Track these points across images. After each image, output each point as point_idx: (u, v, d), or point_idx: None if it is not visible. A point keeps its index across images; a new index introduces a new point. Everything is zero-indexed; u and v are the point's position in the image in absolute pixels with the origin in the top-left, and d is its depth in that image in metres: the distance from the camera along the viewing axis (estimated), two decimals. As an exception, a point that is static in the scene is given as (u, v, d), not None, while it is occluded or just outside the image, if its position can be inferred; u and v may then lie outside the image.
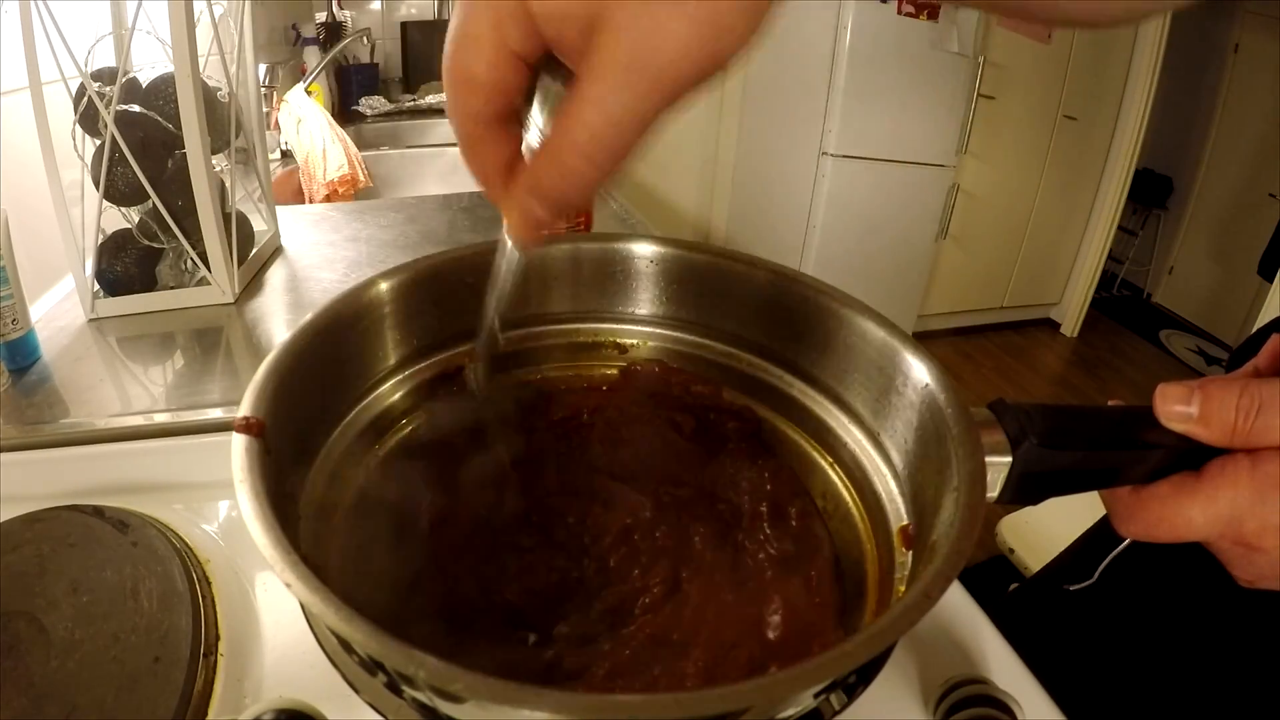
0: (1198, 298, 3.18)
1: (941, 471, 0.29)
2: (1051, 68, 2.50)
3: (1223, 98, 3.01)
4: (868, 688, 0.27)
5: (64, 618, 0.35)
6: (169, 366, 0.61)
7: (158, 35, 0.65)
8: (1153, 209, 3.24)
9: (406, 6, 1.85)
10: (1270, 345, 0.34)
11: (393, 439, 0.38)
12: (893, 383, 0.34)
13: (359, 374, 0.37)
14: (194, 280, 0.70)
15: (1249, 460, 0.27)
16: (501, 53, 0.22)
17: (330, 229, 0.90)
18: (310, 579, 0.22)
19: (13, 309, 0.57)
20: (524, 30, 0.22)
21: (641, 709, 0.21)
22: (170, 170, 0.66)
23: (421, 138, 1.61)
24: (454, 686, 0.19)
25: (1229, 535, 0.27)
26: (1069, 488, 0.30)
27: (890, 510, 0.34)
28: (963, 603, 0.41)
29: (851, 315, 0.36)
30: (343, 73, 1.70)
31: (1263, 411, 0.26)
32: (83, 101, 0.61)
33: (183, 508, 0.46)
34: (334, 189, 1.23)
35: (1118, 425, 0.29)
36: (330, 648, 0.27)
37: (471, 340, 0.41)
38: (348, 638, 0.21)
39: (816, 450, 0.39)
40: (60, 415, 0.53)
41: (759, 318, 0.40)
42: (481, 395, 0.37)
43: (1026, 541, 1.15)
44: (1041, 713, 0.36)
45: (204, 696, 0.34)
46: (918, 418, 0.32)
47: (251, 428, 0.27)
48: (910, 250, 2.52)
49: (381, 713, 0.25)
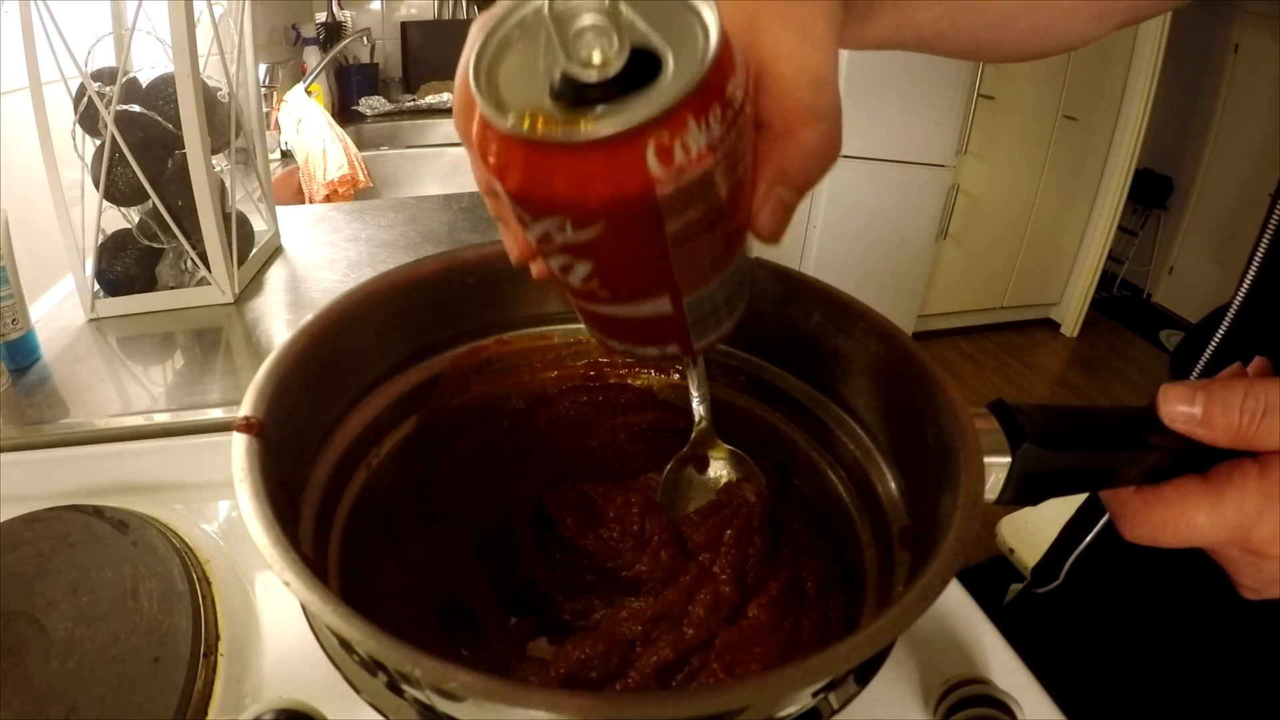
0: (1198, 298, 3.17)
1: (941, 472, 0.29)
2: (1051, 68, 2.50)
3: (1223, 98, 3.00)
4: (867, 687, 0.27)
5: (64, 618, 0.35)
6: (169, 366, 0.61)
7: (158, 35, 0.65)
8: (1153, 209, 3.24)
9: (406, 6, 1.85)
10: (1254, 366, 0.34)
11: (393, 438, 0.38)
12: (892, 383, 0.34)
13: (359, 374, 0.37)
14: (194, 280, 0.70)
15: (1257, 466, 0.26)
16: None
17: (330, 229, 0.90)
18: (310, 578, 0.22)
19: (13, 309, 0.57)
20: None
21: (640, 708, 0.21)
22: (170, 170, 0.66)
23: (421, 138, 1.61)
24: (451, 685, 0.19)
25: (1236, 542, 0.27)
26: (1069, 488, 0.30)
27: (890, 510, 0.34)
28: (963, 603, 0.41)
29: (851, 315, 0.36)
30: (343, 73, 1.70)
31: (1268, 414, 0.26)
32: (83, 101, 0.61)
33: (183, 508, 0.46)
34: (334, 189, 1.23)
35: (1118, 426, 0.29)
36: (330, 648, 0.27)
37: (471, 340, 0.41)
38: (347, 637, 0.21)
39: (816, 450, 0.39)
40: (60, 415, 0.53)
41: (759, 317, 0.40)
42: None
43: (1026, 541, 1.15)
44: (1041, 713, 0.36)
45: (204, 696, 0.34)
46: (917, 418, 0.32)
47: (252, 427, 0.27)
48: (910, 250, 2.52)
49: (382, 712, 0.25)
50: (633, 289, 0.24)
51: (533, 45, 0.20)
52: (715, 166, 0.20)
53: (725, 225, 0.22)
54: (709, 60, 0.18)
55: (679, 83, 0.18)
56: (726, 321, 0.28)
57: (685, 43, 0.19)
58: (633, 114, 0.18)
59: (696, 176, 0.19)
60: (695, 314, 0.25)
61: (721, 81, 0.19)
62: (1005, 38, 0.35)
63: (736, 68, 0.20)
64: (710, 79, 0.19)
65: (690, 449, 0.39)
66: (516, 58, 0.20)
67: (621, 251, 0.22)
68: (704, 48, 0.19)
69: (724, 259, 0.24)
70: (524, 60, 0.20)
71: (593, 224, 0.20)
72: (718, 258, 0.24)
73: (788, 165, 0.23)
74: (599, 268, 0.23)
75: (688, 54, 0.19)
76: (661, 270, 0.23)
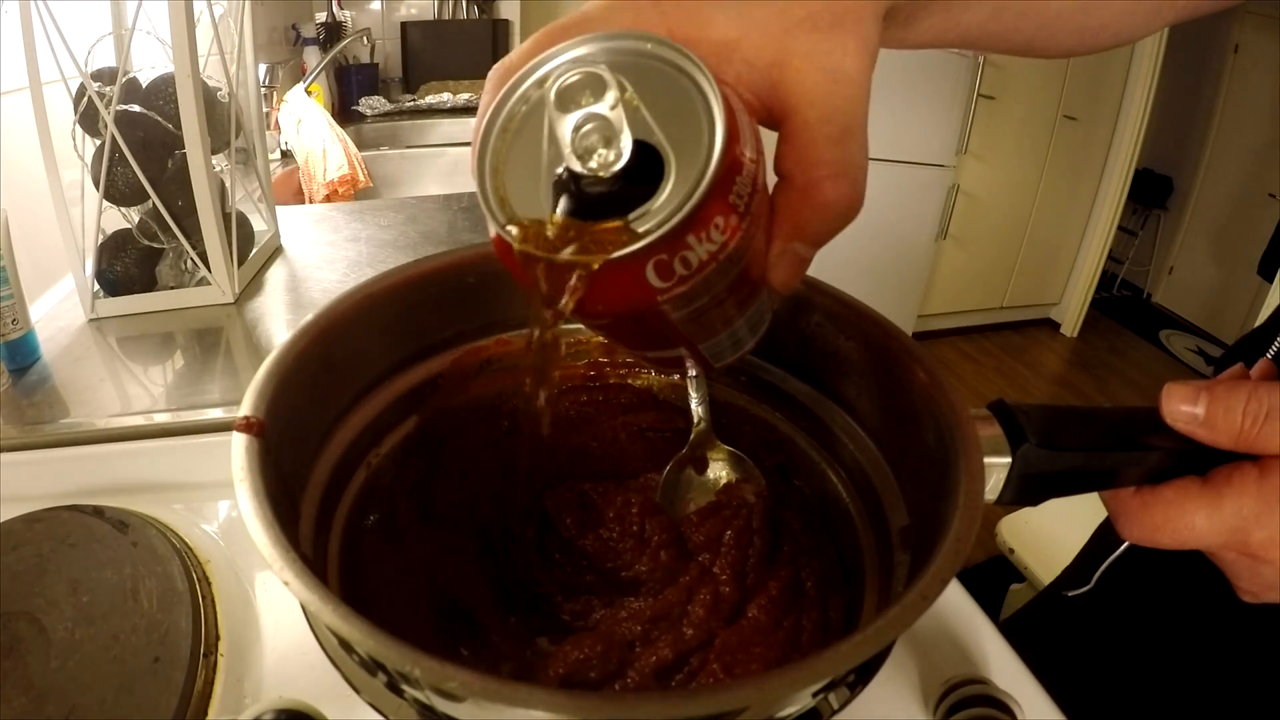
0: (1198, 298, 3.18)
1: (940, 472, 0.29)
2: (1051, 68, 2.50)
3: (1223, 98, 3.01)
4: (866, 687, 0.27)
5: (64, 618, 0.35)
6: (169, 366, 0.61)
7: (158, 35, 0.65)
8: (1153, 209, 3.24)
9: (406, 6, 1.85)
10: (1258, 369, 0.34)
11: (393, 438, 0.38)
12: (892, 383, 0.34)
13: (359, 374, 0.37)
14: (194, 280, 0.70)
15: (1257, 469, 0.26)
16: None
17: (330, 229, 0.90)
18: (310, 578, 0.22)
19: (13, 309, 0.57)
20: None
21: (640, 709, 0.21)
22: (170, 170, 0.66)
23: (421, 138, 1.61)
24: (451, 685, 0.19)
25: (1234, 545, 0.27)
26: (1069, 489, 0.30)
27: (890, 510, 0.34)
28: (963, 603, 0.41)
29: (851, 315, 0.36)
30: (343, 73, 1.70)
31: (1270, 418, 0.25)
32: (83, 101, 0.61)
33: (183, 508, 0.46)
34: (334, 189, 1.23)
35: (1118, 426, 0.29)
36: (330, 647, 0.27)
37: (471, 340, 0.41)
38: (347, 637, 0.21)
39: (816, 450, 0.39)
40: (60, 415, 0.53)
41: (758, 318, 0.40)
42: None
43: (1026, 541, 1.15)
44: (1041, 713, 0.36)
45: (204, 696, 0.34)
46: (917, 418, 0.32)
47: (252, 427, 0.27)
48: (910, 250, 2.52)
49: (382, 712, 0.25)
50: (649, 347, 0.25)
51: (538, 130, 0.20)
52: (718, 266, 0.19)
53: (736, 293, 0.22)
54: (709, 178, 0.18)
55: (676, 202, 0.18)
56: (748, 343, 0.27)
57: (690, 141, 0.18)
58: (632, 237, 0.18)
59: (698, 282, 0.19)
60: (712, 351, 0.26)
61: (724, 191, 0.18)
62: (1057, 36, 0.34)
63: (743, 166, 0.19)
64: (710, 196, 0.18)
65: (689, 450, 0.39)
66: (523, 142, 0.20)
67: (632, 332, 0.23)
68: (708, 156, 0.18)
69: (739, 314, 0.24)
70: (529, 147, 0.20)
71: (600, 319, 0.21)
72: (731, 316, 0.24)
73: (805, 223, 0.22)
74: (613, 337, 0.24)
75: (690, 156, 0.18)
76: (674, 337, 0.23)
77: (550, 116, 0.18)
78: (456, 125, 1.63)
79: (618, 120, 0.18)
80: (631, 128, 0.18)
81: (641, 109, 0.18)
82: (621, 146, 0.18)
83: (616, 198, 0.19)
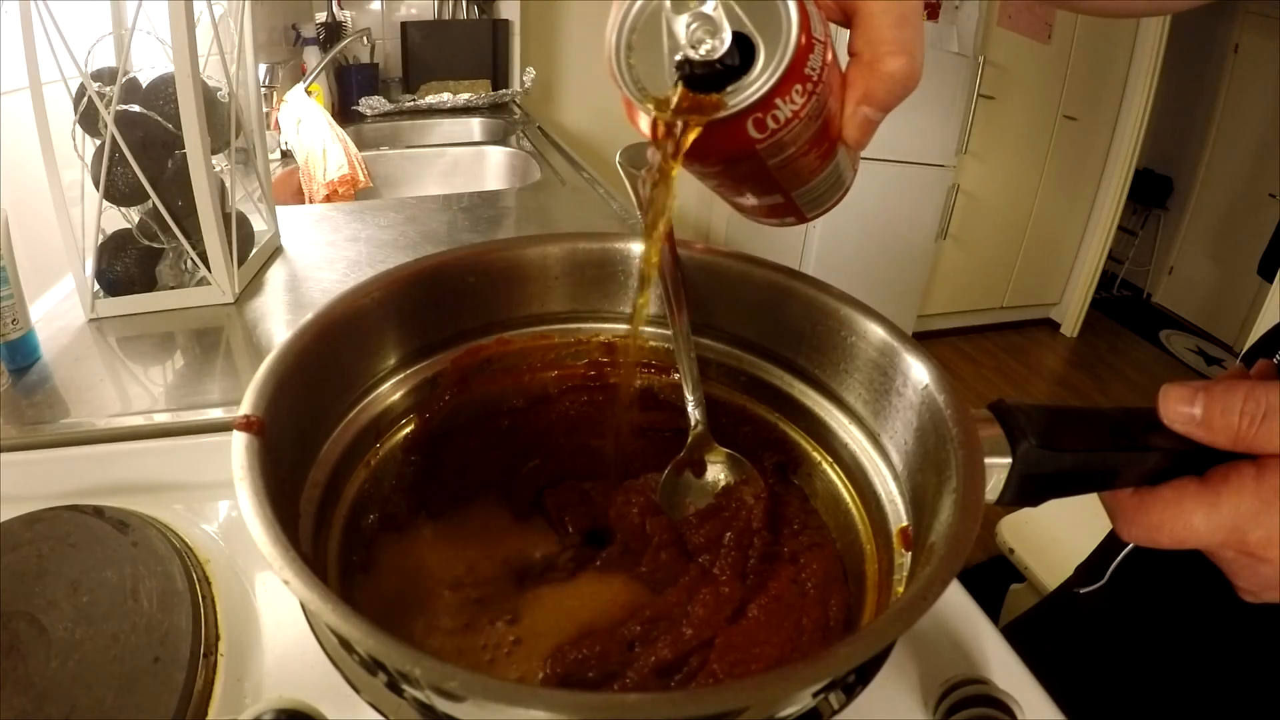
0: (1198, 298, 3.18)
1: (941, 472, 0.29)
2: (1051, 68, 2.50)
3: (1223, 98, 3.01)
4: (866, 687, 0.27)
5: (64, 618, 0.35)
6: (169, 366, 0.61)
7: (158, 35, 0.65)
8: (1153, 209, 3.25)
9: (406, 6, 1.85)
10: (1257, 369, 0.34)
11: (393, 438, 0.38)
12: (892, 383, 0.34)
13: (359, 373, 0.37)
14: (194, 280, 0.70)
15: (1254, 469, 0.26)
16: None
17: (330, 229, 0.90)
18: (310, 578, 0.22)
19: (13, 309, 0.57)
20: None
21: (640, 709, 0.21)
22: (170, 170, 0.66)
23: (421, 138, 1.61)
24: (451, 685, 0.19)
25: (1232, 544, 0.27)
26: (1069, 489, 0.30)
27: (890, 510, 0.34)
28: (963, 603, 0.41)
29: (851, 315, 0.36)
30: (343, 73, 1.69)
31: (1268, 417, 0.26)
32: (83, 101, 0.61)
33: (183, 508, 0.46)
34: (334, 189, 1.23)
35: (1118, 426, 0.29)
36: (330, 647, 0.27)
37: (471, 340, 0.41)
38: (347, 636, 0.21)
39: (816, 450, 0.39)
40: (60, 415, 0.53)
41: (759, 317, 0.40)
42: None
43: (1026, 541, 1.15)
44: (1041, 713, 0.36)
45: (204, 696, 0.34)
46: (917, 418, 0.32)
47: (252, 427, 0.27)
48: (910, 250, 2.52)
49: (382, 712, 0.25)
50: (751, 192, 0.31)
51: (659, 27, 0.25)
52: (801, 122, 0.25)
53: (818, 146, 0.28)
54: (788, 57, 0.24)
55: (765, 76, 0.24)
56: (832, 198, 0.33)
57: (772, 30, 0.24)
58: (734, 101, 0.24)
59: (787, 133, 0.25)
60: (804, 200, 0.31)
61: (800, 65, 0.24)
62: None
63: (815, 45, 0.24)
64: (790, 69, 0.24)
65: (687, 453, 0.39)
66: (648, 37, 0.25)
67: (739, 178, 0.29)
68: (785, 41, 0.24)
69: (822, 166, 0.30)
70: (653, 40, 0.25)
71: (713, 168, 0.28)
72: (816, 167, 0.29)
73: (872, 90, 0.27)
74: (723, 185, 0.30)
75: (773, 41, 0.24)
76: (772, 183, 0.29)
77: (667, 17, 0.24)
78: (456, 125, 1.63)
79: (719, 17, 0.24)
80: (729, 22, 0.24)
81: (735, 7, 0.24)
82: (723, 37, 0.24)
83: (723, 74, 0.24)
